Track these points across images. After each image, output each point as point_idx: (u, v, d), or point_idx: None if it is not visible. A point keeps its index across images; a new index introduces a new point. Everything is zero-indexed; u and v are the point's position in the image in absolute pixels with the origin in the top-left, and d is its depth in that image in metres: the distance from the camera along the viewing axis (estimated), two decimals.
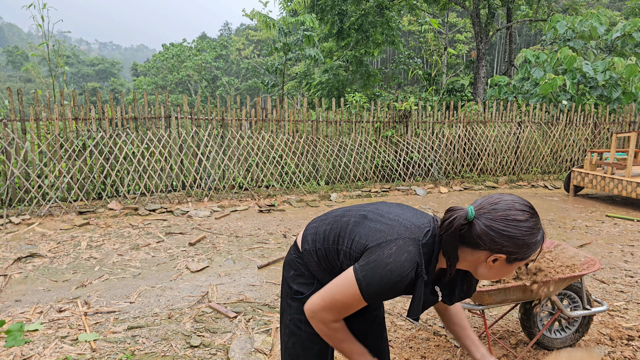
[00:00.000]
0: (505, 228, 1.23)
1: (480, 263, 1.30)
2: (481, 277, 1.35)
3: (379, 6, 15.58)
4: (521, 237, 1.23)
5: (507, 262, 1.28)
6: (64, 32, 60.59)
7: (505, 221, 1.23)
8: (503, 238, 1.23)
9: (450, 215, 1.28)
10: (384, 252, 1.25)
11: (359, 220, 1.40)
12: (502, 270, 1.30)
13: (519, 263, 1.30)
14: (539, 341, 2.67)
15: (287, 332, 1.54)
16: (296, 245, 1.56)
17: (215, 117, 7.74)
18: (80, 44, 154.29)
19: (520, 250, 1.25)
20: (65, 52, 57.65)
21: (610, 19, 14.12)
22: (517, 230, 1.23)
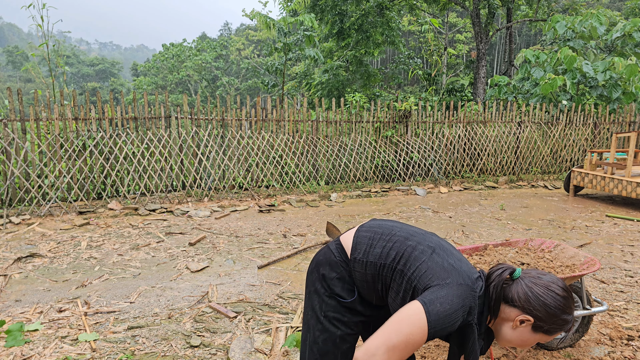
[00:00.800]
0: (543, 294, 1.36)
1: (508, 321, 1.41)
2: (503, 338, 1.44)
3: (379, 6, 15.58)
4: (554, 308, 1.35)
5: (532, 329, 1.38)
6: (64, 32, 60.61)
7: (545, 289, 1.37)
8: (538, 302, 1.35)
9: (500, 268, 1.42)
10: (452, 291, 1.31)
11: (426, 250, 1.45)
12: (524, 336, 1.39)
13: (543, 337, 1.39)
14: None
15: (319, 328, 1.53)
16: (343, 249, 1.56)
17: (215, 117, 7.75)
18: (80, 44, 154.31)
19: (549, 319, 1.35)
20: (65, 52, 57.64)
21: (610, 19, 14.12)
22: (552, 300, 1.35)
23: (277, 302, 3.44)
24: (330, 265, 1.56)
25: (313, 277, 1.60)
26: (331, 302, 1.52)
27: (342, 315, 1.52)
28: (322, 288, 1.55)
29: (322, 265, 1.59)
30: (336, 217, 6.37)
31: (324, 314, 1.52)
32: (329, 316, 1.52)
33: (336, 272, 1.54)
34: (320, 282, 1.56)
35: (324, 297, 1.54)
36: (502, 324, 1.43)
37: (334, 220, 6.18)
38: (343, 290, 1.52)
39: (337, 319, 1.51)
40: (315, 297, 1.56)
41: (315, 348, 1.55)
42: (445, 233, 5.58)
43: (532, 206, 7.28)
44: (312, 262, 1.65)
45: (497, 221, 6.25)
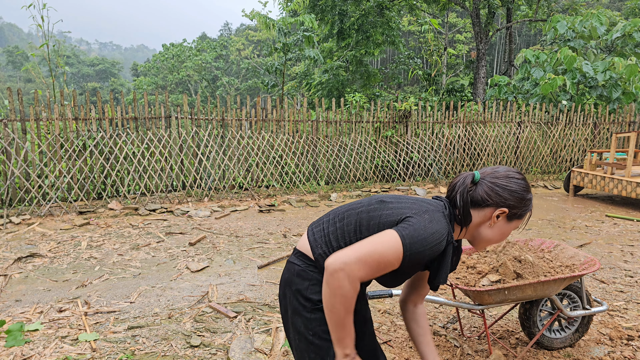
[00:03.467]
0: (507, 184, 1.45)
1: (485, 222, 1.48)
2: (482, 240, 1.51)
3: (379, 6, 15.58)
4: (520, 192, 1.46)
5: (507, 220, 1.47)
6: (64, 32, 60.61)
7: (506, 179, 1.46)
8: (506, 192, 1.45)
9: (459, 177, 1.48)
10: (423, 218, 1.34)
11: (378, 205, 1.45)
12: (503, 228, 1.49)
13: (517, 222, 1.50)
14: (538, 341, 2.67)
15: (312, 349, 1.44)
16: (303, 254, 1.50)
17: (215, 117, 7.75)
18: (80, 44, 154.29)
19: (520, 204, 1.46)
20: (65, 52, 57.63)
21: (610, 19, 14.13)
22: (517, 185, 1.46)
23: (277, 302, 3.44)
24: (299, 275, 1.47)
25: (287, 299, 1.52)
26: (314, 317, 1.43)
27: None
28: (300, 305, 1.45)
29: (290, 281, 1.50)
30: None
31: (311, 332, 1.44)
32: (317, 332, 1.43)
33: (308, 280, 1.45)
34: (296, 299, 1.47)
35: (305, 314, 1.44)
36: (476, 229, 1.50)
37: None
38: (320, 293, 1.44)
39: (325, 331, 1.42)
40: (297, 318, 1.47)
41: None
42: None
43: (532, 206, 7.28)
44: (281, 285, 1.56)
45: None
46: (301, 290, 1.45)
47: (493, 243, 1.53)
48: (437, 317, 3.23)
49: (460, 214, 1.45)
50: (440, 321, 3.17)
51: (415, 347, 1.66)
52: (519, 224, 1.51)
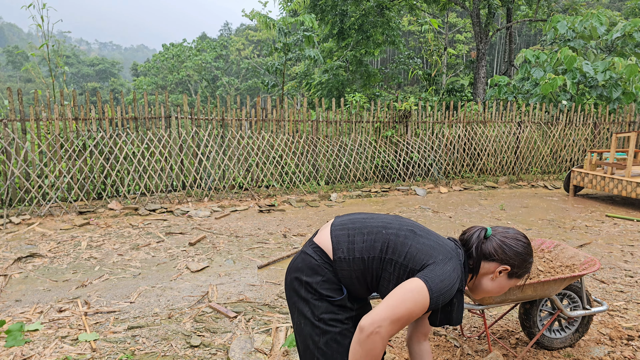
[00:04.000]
0: (515, 245, 1.62)
1: (487, 275, 1.63)
2: (482, 290, 1.66)
3: (379, 6, 15.58)
4: (524, 255, 1.62)
5: (508, 276, 1.63)
6: (64, 32, 60.59)
7: (515, 240, 1.63)
8: (512, 252, 1.61)
9: (475, 231, 1.66)
10: (447, 267, 1.46)
11: (409, 234, 1.55)
12: (502, 283, 1.64)
13: (515, 281, 1.65)
14: (538, 341, 2.67)
15: (317, 332, 1.52)
16: (322, 251, 1.56)
17: (215, 117, 7.75)
18: (80, 44, 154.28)
19: (521, 265, 1.62)
20: (65, 52, 57.62)
21: (610, 19, 14.12)
22: (522, 248, 1.63)
23: (277, 302, 3.44)
24: (313, 269, 1.54)
25: (294, 285, 1.58)
26: (322, 304, 1.52)
27: (336, 314, 1.52)
28: (308, 293, 1.54)
29: (302, 271, 1.57)
30: None
31: (317, 317, 1.51)
32: (323, 318, 1.51)
33: (321, 275, 1.53)
34: (305, 289, 1.54)
35: (313, 302, 1.52)
36: (481, 279, 1.65)
37: None
38: (331, 291, 1.53)
39: (332, 318, 1.51)
40: (304, 304, 1.55)
41: (317, 352, 1.54)
42: (445, 233, 5.58)
43: (532, 206, 7.28)
44: (289, 272, 1.62)
45: (497, 221, 6.25)
46: (312, 283, 1.53)
47: (490, 295, 1.67)
48: None
49: (474, 265, 1.62)
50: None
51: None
52: (517, 282, 1.67)
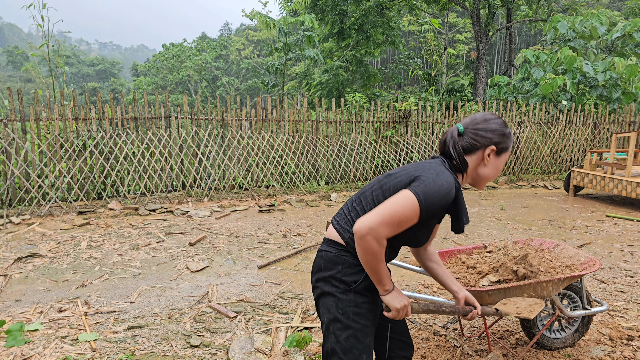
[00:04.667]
0: (487, 126, 1.64)
1: (479, 164, 1.65)
2: (482, 179, 1.68)
3: (379, 6, 15.58)
4: (500, 128, 1.65)
5: (497, 155, 1.65)
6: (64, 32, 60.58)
7: (485, 122, 1.65)
8: (489, 132, 1.63)
9: (446, 133, 1.69)
10: (430, 174, 1.50)
11: (387, 178, 1.61)
12: (496, 163, 1.66)
13: (506, 155, 1.67)
14: (538, 341, 2.67)
15: (339, 327, 1.56)
16: (333, 242, 1.62)
17: (215, 117, 7.75)
18: (80, 44, 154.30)
19: (503, 138, 1.64)
20: (65, 52, 57.59)
21: (611, 19, 14.12)
22: (495, 124, 1.65)
23: (277, 302, 3.44)
24: (332, 261, 1.59)
25: (319, 285, 1.63)
26: (347, 297, 1.56)
27: (359, 307, 1.55)
28: (333, 287, 1.58)
29: (323, 268, 1.62)
30: None
31: (341, 311, 1.55)
32: (347, 312, 1.55)
33: (340, 264, 1.58)
34: (330, 284, 1.59)
35: (338, 295, 1.56)
36: (474, 172, 1.67)
37: None
38: (355, 275, 1.57)
39: (356, 312, 1.55)
40: (329, 299, 1.58)
41: (338, 347, 1.57)
42: (445, 233, 5.59)
43: (532, 206, 7.28)
44: (312, 275, 1.68)
45: (497, 221, 6.25)
46: (334, 274, 1.58)
47: (492, 179, 1.69)
48: (438, 317, 3.23)
49: (458, 162, 1.63)
50: (440, 321, 3.17)
51: (437, 281, 1.87)
52: (507, 156, 1.69)
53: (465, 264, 2.68)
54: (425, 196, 1.44)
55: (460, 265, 2.70)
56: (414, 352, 2.72)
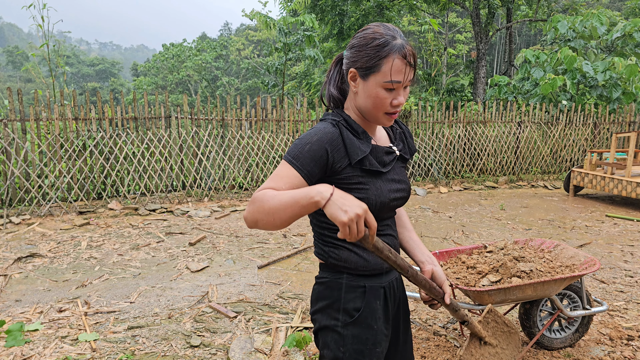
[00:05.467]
0: (351, 42, 1.26)
1: (353, 92, 1.28)
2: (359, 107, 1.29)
3: (379, 6, 15.58)
4: (358, 43, 1.23)
5: (362, 78, 1.24)
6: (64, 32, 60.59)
7: (354, 38, 1.26)
8: (348, 51, 1.26)
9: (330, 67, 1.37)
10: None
11: None
12: (365, 89, 1.24)
13: (377, 76, 1.20)
14: (539, 341, 2.67)
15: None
16: (321, 264, 1.41)
17: (215, 117, 7.75)
18: (80, 44, 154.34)
19: (358, 55, 1.22)
20: (65, 52, 57.60)
21: (610, 19, 14.12)
22: (359, 40, 1.24)
23: (277, 302, 3.44)
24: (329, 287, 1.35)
25: (317, 317, 1.37)
26: (347, 333, 1.30)
27: (364, 344, 1.30)
28: (332, 319, 1.31)
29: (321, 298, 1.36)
30: None
31: (342, 349, 1.29)
32: (349, 351, 1.29)
33: (338, 288, 1.33)
34: (327, 316, 1.33)
35: (339, 330, 1.30)
36: (354, 102, 1.30)
37: None
38: (356, 299, 1.32)
39: (358, 351, 1.29)
40: (329, 335, 1.32)
41: None
42: (445, 233, 5.58)
43: (532, 206, 7.28)
44: (310, 306, 1.42)
45: (497, 221, 6.25)
46: (332, 303, 1.32)
47: (370, 109, 1.26)
48: (437, 317, 3.24)
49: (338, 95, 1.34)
50: (440, 321, 3.17)
51: (402, 247, 1.49)
52: (381, 77, 1.20)
53: (465, 264, 2.68)
54: (290, 149, 1.22)
55: (460, 265, 2.70)
56: (415, 351, 2.72)
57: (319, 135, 1.21)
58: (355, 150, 1.24)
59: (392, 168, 1.36)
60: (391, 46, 1.20)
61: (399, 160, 1.41)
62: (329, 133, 1.22)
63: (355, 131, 1.28)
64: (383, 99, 1.22)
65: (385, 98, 1.22)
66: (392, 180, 1.33)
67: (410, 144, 1.46)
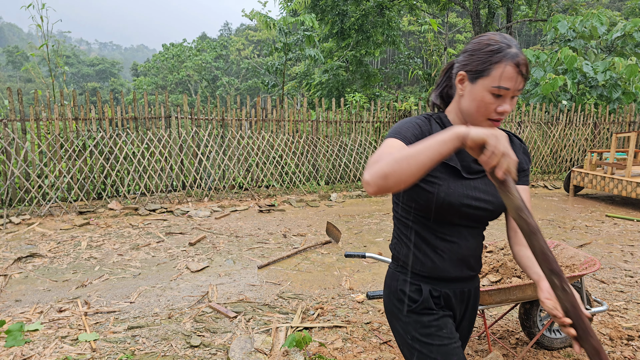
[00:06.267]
0: (465, 47, 1.27)
1: (459, 95, 1.28)
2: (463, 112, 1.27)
3: (379, 6, 15.58)
4: (473, 48, 1.23)
5: (470, 82, 1.22)
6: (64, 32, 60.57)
7: (469, 44, 1.27)
8: (460, 55, 1.28)
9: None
10: None
11: None
12: (472, 93, 1.22)
13: (485, 81, 1.18)
14: (538, 341, 2.67)
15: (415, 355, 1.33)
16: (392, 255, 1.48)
17: (215, 117, 7.75)
18: (80, 44, 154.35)
19: (471, 59, 1.22)
20: (65, 52, 57.62)
21: (611, 19, 14.13)
22: (472, 44, 1.25)
23: (277, 302, 3.44)
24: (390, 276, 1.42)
25: (385, 302, 1.44)
26: (409, 320, 1.32)
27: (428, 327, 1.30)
28: (395, 307, 1.37)
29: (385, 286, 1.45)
30: (336, 217, 6.37)
31: (409, 335, 1.32)
32: (415, 337, 1.31)
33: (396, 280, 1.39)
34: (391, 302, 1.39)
35: (401, 317, 1.35)
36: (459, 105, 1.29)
37: (334, 220, 6.18)
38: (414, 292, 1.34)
39: (424, 334, 1.30)
40: (395, 322, 1.37)
41: None
42: None
43: (532, 206, 7.28)
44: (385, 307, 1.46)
45: (497, 221, 6.25)
46: (392, 293, 1.39)
47: (473, 113, 1.23)
48: None
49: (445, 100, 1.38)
50: None
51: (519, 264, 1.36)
52: (490, 82, 1.18)
53: None
54: (390, 130, 1.27)
55: None
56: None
57: (413, 121, 1.27)
58: None
59: (480, 179, 1.30)
60: (504, 53, 1.18)
61: None
62: (420, 121, 1.28)
63: (446, 127, 1.30)
64: (488, 104, 1.20)
65: (490, 103, 1.20)
66: (474, 187, 1.27)
67: (519, 159, 1.35)
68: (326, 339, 2.87)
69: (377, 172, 1.03)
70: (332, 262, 4.42)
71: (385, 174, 1.02)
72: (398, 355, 2.66)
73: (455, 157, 1.27)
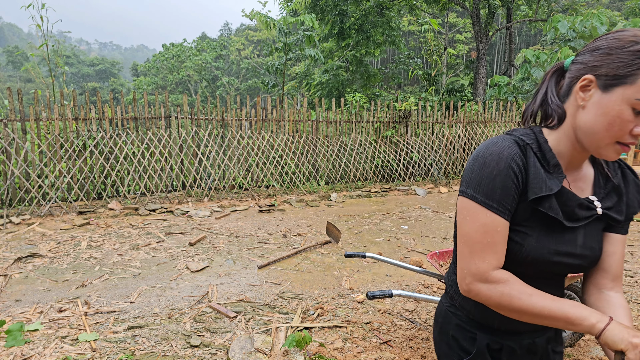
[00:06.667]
0: (591, 44, 0.95)
1: (574, 108, 0.96)
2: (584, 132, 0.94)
3: (379, 6, 15.59)
4: (607, 45, 0.91)
5: (601, 89, 0.91)
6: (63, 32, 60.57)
7: (599, 39, 0.94)
8: (587, 55, 0.94)
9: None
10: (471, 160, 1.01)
11: None
12: (602, 104, 0.90)
13: (625, 89, 0.88)
14: None
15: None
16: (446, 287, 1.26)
17: (215, 117, 7.75)
18: (80, 44, 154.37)
19: (605, 60, 0.90)
20: (65, 52, 57.62)
21: (610, 19, 14.12)
22: (604, 40, 0.92)
23: (277, 302, 3.44)
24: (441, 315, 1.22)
25: (435, 338, 1.25)
26: None
27: None
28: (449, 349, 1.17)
29: (434, 323, 1.24)
30: (336, 217, 6.37)
31: None
32: None
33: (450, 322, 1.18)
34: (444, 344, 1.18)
35: None
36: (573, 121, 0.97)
37: (334, 220, 6.18)
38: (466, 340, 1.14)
39: None
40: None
41: None
42: (445, 233, 5.58)
43: None
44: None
45: None
46: (443, 337, 1.18)
47: (596, 132, 0.92)
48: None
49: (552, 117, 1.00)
50: None
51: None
52: (633, 92, 0.87)
53: None
54: (469, 185, 0.98)
55: None
56: (415, 351, 2.72)
57: (505, 164, 0.95)
58: (539, 184, 0.95)
59: (582, 227, 1.02)
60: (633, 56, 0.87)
61: (599, 220, 1.03)
62: (514, 162, 0.95)
63: (547, 161, 0.99)
64: (625, 122, 0.89)
65: (628, 121, 0.89)
66: (568, 241, 1.00)
67: (630, 202, 1.06)
68: (326, 339, 2.87)
69: (494, 302, 0.95)
70: (332, 262, 4.43)
71: (501, 308, 0.96)
72: (398, 355, 2.66)
73: (556, 204, 0.97)
